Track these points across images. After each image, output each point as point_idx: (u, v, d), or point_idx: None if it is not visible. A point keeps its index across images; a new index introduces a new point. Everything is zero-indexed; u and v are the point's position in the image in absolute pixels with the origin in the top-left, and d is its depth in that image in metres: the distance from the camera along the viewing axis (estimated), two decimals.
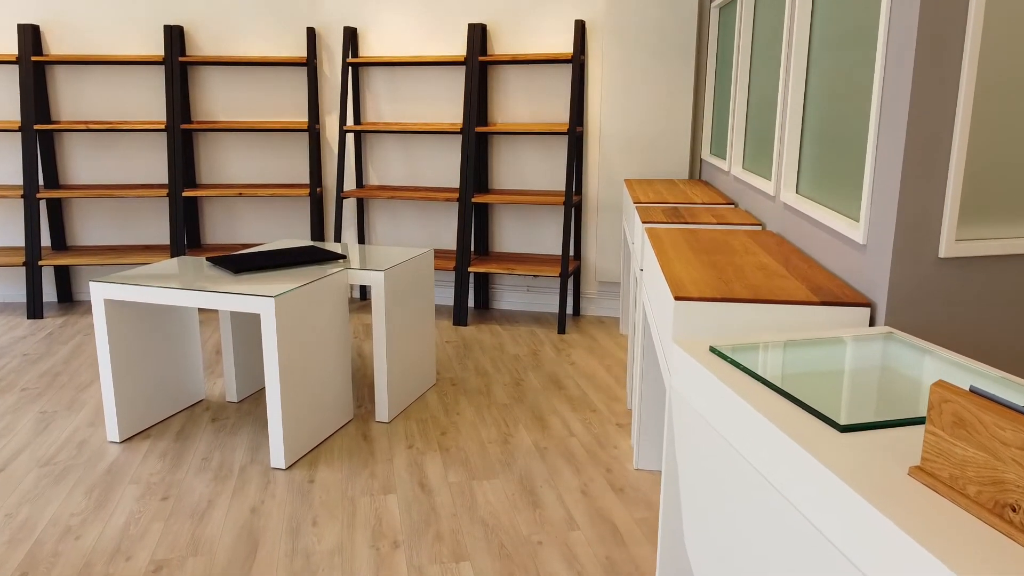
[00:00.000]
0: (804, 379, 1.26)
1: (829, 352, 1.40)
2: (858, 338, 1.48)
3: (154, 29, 4.76)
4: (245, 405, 3.35)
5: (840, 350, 1.42)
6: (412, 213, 4.95)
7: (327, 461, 2.84)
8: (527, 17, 4.54)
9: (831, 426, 1.09)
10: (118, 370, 2.94)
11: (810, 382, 1.25)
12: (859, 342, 1.46)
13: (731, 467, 1.25)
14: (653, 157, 4.45)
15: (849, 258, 1.94)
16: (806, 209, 2.32)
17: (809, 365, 1.33)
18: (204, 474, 2.74)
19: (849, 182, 2.05)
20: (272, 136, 4.95)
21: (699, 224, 2.86)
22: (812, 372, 1.30)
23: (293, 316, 2.74)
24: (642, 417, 2.75)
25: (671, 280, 1.91)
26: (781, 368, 1.32)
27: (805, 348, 1.42)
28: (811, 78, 2.45)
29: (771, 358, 1.37)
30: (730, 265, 2.10)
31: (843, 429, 1.07)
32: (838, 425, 1.07)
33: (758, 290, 1.81)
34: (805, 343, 1.44)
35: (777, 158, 2.71)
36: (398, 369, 3.22)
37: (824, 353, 1.40)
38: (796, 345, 1.43)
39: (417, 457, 2.88)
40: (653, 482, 2.70)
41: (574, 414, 3.27)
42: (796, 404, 1.17)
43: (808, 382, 1.25)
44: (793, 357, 1.37)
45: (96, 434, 3.04)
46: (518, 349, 4.13)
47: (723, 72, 4.01)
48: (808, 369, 1.31)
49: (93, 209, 4.97)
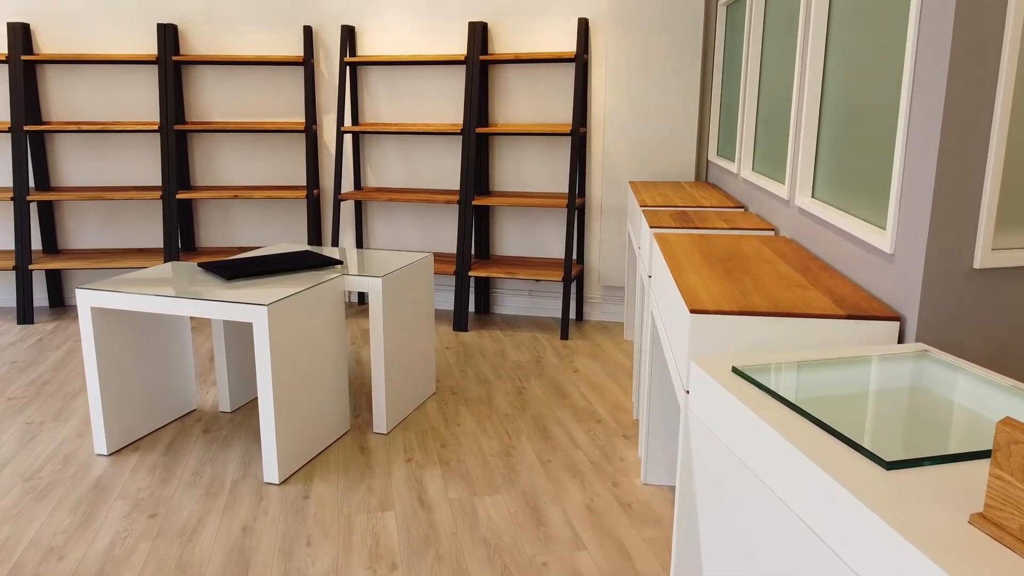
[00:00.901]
0: (838, 405, 1.15)
1: (862, 373, 1.29)
2: (892, 357, 1.37)
3: (147, 27, 4.65)
4: (239, 415, 3.24)
5: (874, 371, 1.31)
6: (411, 216, 4.84)
7: (322, 475, 2.73)
8: (529, 15, 4.43)
9: (875, 462, 0.98)
10: (106, 380, 2.83)
11: (845, 409, 1.14)
12: (893, 362, 1.35)
13: (758, 501, 1.14)
14: (658, 159, 4.35)
15: (874, 268, 1.83)
16: (824, 214, 2.21)
17: (842, 388, 1.23)
18: (194, 489, 2.63)
19: (873, 186, 1.94)
20: (268, 137, 4.84)
21: (709, 229, 2.75)
22: (846, 396, 1.19)
23: (287, 325, 2.63)
24: (650, 430, 2.64)
25: (685, 291, 1.80)
26: (812, 392, 1.21)
27: (836, 369, 1.31)
28: (829, 72, 2.34)
29: (800, 380, 1.26)
30: (746, 274, 2.00)
31: (889, 467, 0.96)
32: (884, 462, 0.96)
33: (778, 302, 1.70)
34: (835, 363, 1.33)
35: (791, 160, 2.60)
36: (396, 378, 3.11)
37: (857, 374, 1.29)
38: (826, 365, 1.32)
39: (416, 471, 2.77)
40: (662, 498, 2.59)
41: (578, 425, 3.17)
42: (834, 436, 1.06)
43: (843, 409, 1.14)
44: (824, 379, 1.26)
45: (83, 446, 2.94)
46: (520, 355, 4.02)
47: (731, 71, 3.91)
48: (841, 393, 1.20)
49: (85, 212, 4.86)
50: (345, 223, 4.90)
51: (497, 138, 4.62)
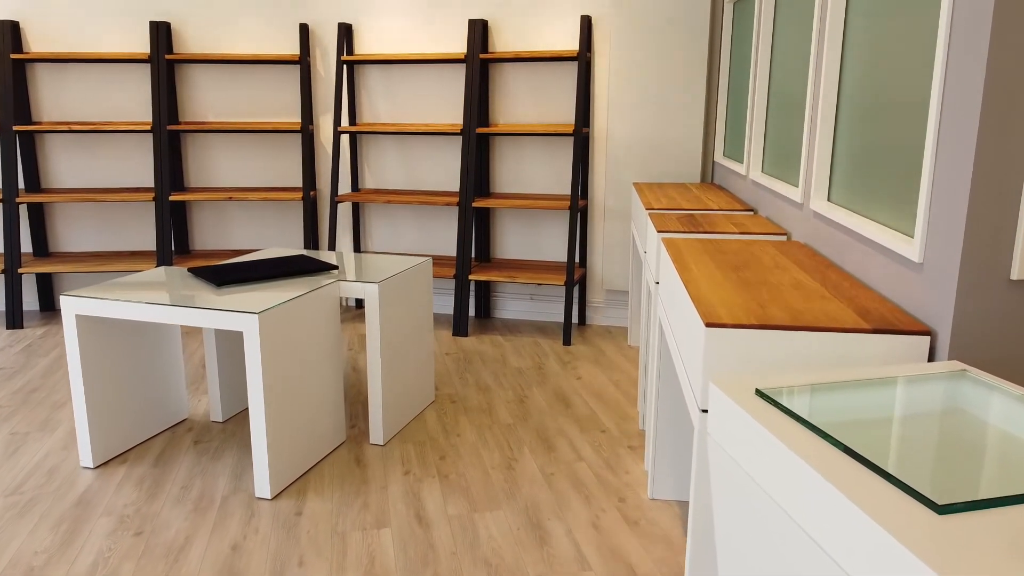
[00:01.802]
0: (875, 435, 1.05)
1: (897, 395, 1.19)
2: (928, 377, 1.27)
3: (139, 25, 4.55)
4: (231, 425, 3.13)
5: (910, 393, 1.20)
6: (410, 218, 4.73)
7: (316, 490, 2.62)
8: (530, 12, 4.32)
9: (924, 504, 0.88)
10: (92, 391, 2.72)
11: (883, 439, 1.03)
12: (930, 382, 1.24)
13: (787, 539, 1.03)
14: (663, 160, 4.24)
15: (899, 277, 1.72)
16: (841, 219, 2.10)
17: (877, 413, 1.12)
18: (182, 505, 2.52)
19: (898, 189, 1.83)
20: (263, 137, 4.73)
21: (719, 233, 2.64)
22: (882, 423, 1.08)
23: (279, 333, 2.53)
24: (657, 442, 2.53)
25: (699, 302, 1.69)
26: (844, 417, 1.10)
27: (869, 391, 1.20)
28: (847, 65, 2.23)
29: (830, 404, 1.15)
30: (762, 283, 1.89)
31: (942, 511, 0.85)
32: (935, 506, 0.86)
33: (800, 315, 1.59)
34: (868, 384, 1.22)
35: (805, 161, 2.49)
36: (394, 388, 3.00)
37: (892, 397, 1.18)
38: (857, 387, 1.22)
39: (414, 485, 2.66)
40: (671, 514, 2.48)
41: (582, 435, 3.06)
42: (875, 471, 0.95)
43: (881, 439, 1.03)
44: (856, 403, 1.16)
45: (69, 459, 2.83)
46: (521, 362, 3.91)
47: (739, 68, 3.80)
48: (876, 419, 1.10)
49: (76, 214, 4.75)
50: (342, 225, 4.79)
51: (498, 138, 4.51)
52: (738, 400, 1.17)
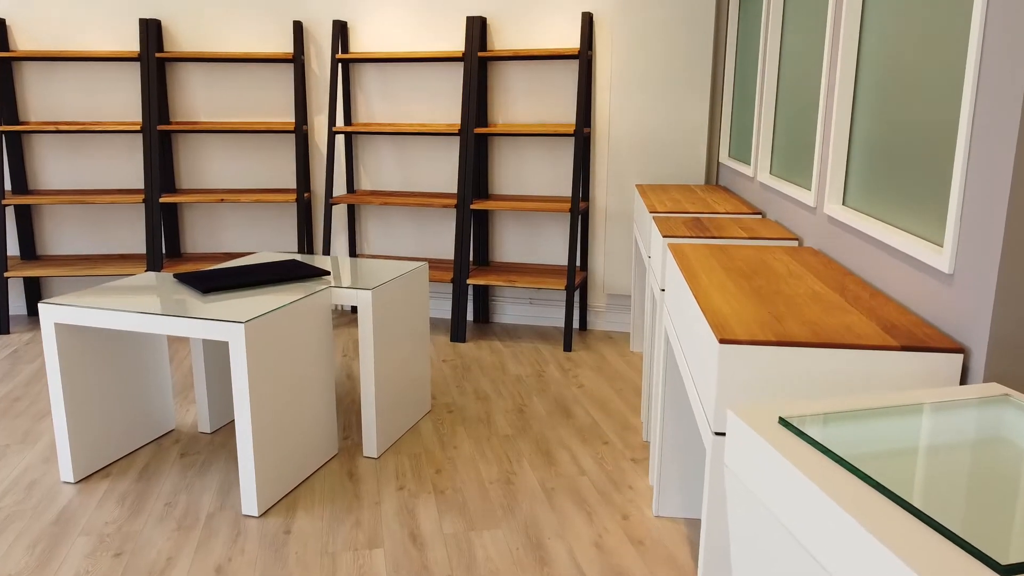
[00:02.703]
0: (915, 471, 0.93)
1: (937, 427, 1.07)
2: (967, 403, 1.15)
3: (129, 23, 4.43)
4: (219, 436, 3.02)
5: (949, 421, 1.09)
6: (407, 220, 4.62)
7: (306, 506, 2.51)
8: (530, 9, 4.20)
9: (982, 562, 0.76)
10: (73, 402, 2.61)
11: (926, 477, 0.92)
12: (971, 409, 1.13)
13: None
14: (666, 161, 4.12)
15: (926, 289, 1.61)
16: (859, 224, 1.99)
17: (914, 444, 1.00)
18: (166, 523, 2.41)
19: (923, 193, 1.71)
20: (256, 138, 4.61)
21: (727, 239, 2.53)
22: (922, 457, 0.97)
23: (267, 343, 2.41)
24: (663, 457, 2.42)
25: (711, 315, 1.57)
26: (878, 450, 0.99)
27: (906, 420, 1.09)
28: (865, 58, 2.11)
29: (861, 434, 1.04)
30: (776, 293, 1.77)
31: (1006, 571, 0.74)
32: (999, 566, 0.74)
33: (820, 330, 1.48)
34: (904, 412, 1.11)
35: (819, 162, 2.37)
36: (388, 398, 2.88)
37: (929, 426, 1.07)
38: (892, 416, 1.10)
39: (408, 501, 2.55)
40: (676, 533, 2.37)
41: (584, 447, 2.94)
42: (920, 519, 0.84)
43: (923, 478, 0.92)
44: (890, 433, 1.04)
45: (49, 473, 2.71)
46: (521, 369, 3.80)
47: (745, 65, 3.68)
48: (914, 451, 0.98)
49: (64, 216, 4.64)
50: (337, 228, 4.68)
51: (497, 139, 4.39)
52: (760, 430, 1.06)
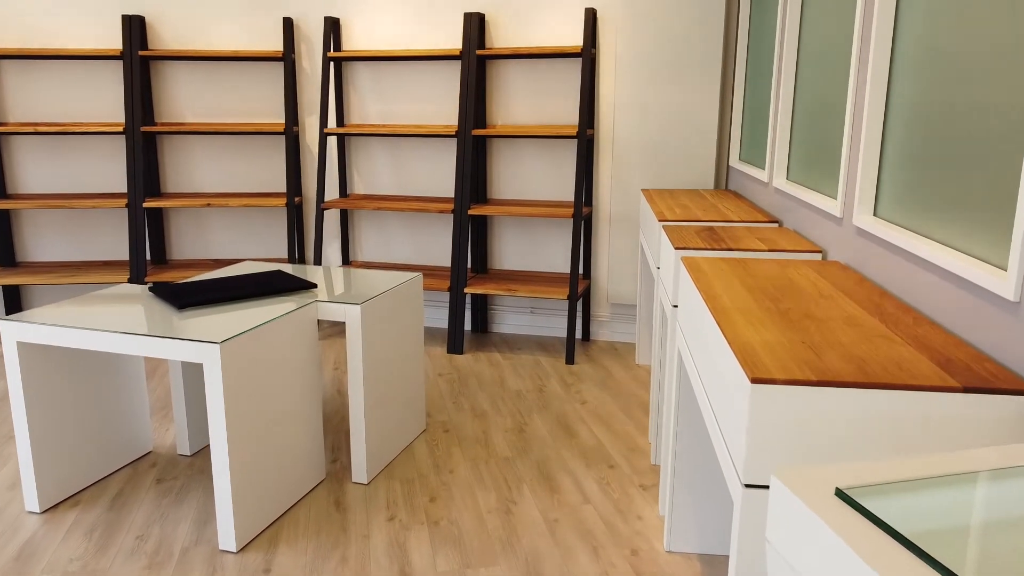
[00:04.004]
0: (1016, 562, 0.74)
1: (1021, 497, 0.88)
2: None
3: (111, 19, 4.24)
4: (199, 459, 2.83)
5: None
6: (402, 226, 4.43)
7: (289, 539, 2.32)
8: (531, 5, 4.01)
9: None
10: (39, 427, 2.42)
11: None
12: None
13: None
14: (674, 164, 3.93)
15: (983, 317, 1.42)
16: (896, 239, 1.80)
17: (1005, 523, 0.82)
18: (136, 559, 2.22)
19: (976, 205, 1.52)
20: (245, 139, 4.42)
21: (746, 251, 2.34)
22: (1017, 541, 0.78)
23: (246, 364, 2.22)
24: (675, 487, 2.23)
25: (738, 346, 1.38)
26: (963, 533, 0.80)
27: (987, 489, 0.90)
28: (900, 52, 1.92)
29: (938, 507, 0.85)
30: (808, 317, 1.58)
31: None
32: None
33: (866, 365, 1.29)
34: (987, 480, 0.92)
35: (846, 168, 2.18)
36: (379, 419, 2.69)
37: (1019, 499, 0.88)
38: (970, 483, 0.91)
39: (399, 534, 2.36)
40: (690, 571, 2.18)
41: (588, 471, 2.76)
42: None
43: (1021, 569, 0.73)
44: (975, 509, 0.85)
45: (14, 502, 2.52)
46: (521, 383, 3.61)
47: (758, 64, 3.49)
48: (1010, 534, 0.79)
49: (45, 221, 4.44)
50: (329, 234, 4.49)
51: (496, 141, 4.20)
52: (813, 505, 0.87)
